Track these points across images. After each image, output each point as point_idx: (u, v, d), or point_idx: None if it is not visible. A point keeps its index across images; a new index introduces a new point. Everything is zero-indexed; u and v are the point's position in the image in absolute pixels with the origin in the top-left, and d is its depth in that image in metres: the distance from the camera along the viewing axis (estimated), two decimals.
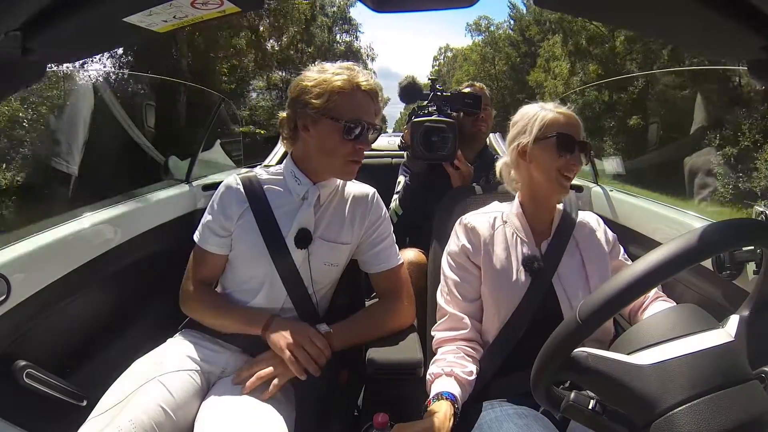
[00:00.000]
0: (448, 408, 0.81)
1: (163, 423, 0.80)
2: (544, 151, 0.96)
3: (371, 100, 0.96)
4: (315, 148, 0.97)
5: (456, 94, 1.49)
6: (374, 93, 0.97)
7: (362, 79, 0.95)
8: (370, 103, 0.96)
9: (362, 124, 0.94)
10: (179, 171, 1.86)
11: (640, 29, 0.55)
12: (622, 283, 0.51)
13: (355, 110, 0.94)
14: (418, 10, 0.53)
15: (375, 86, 0.97)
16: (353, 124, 0.93)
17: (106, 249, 1.26)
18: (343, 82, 0.93)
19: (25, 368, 0.96)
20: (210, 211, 1.02)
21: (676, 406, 0.49)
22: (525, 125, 0.99)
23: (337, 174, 1.01)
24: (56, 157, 1.77)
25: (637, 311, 1.01)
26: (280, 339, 0.90)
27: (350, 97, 0.93)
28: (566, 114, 0.97)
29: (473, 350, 0.94)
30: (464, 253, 0.99)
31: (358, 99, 0.94)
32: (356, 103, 0.94)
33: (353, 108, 0.94)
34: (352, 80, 0.93)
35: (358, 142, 0.95)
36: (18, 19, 0.41)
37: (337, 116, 0.93)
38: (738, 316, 0.59)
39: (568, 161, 0.95)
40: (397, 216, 1.52)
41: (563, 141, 0.94)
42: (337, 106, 0.93)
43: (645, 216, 1.45)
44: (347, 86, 0.93)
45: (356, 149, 0.96)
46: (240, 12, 0.50)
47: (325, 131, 0.94)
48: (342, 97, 0.92)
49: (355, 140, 0.95)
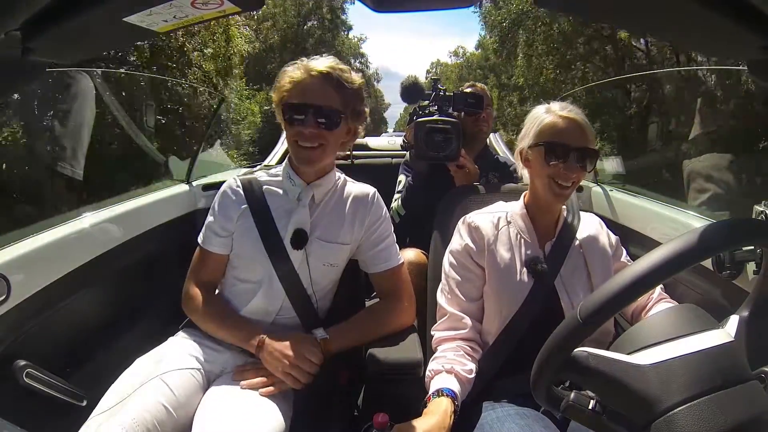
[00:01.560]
0: (449, 405, 0.81)
1: (164, 421, 0.81)
2: (537, 158, 0.96)
3: (323, 81, 0.94)
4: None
5: (458, 94, 1.49)
6: (327, 74, 0.94)
7: (313, 63, 0.96)
8: (321, 86, 0.94)
9: (301, 106, 0.94)
10: (179, 171, 1.86)
11: (640, 29, 0.54)
12: (623, 283, 0.51)
13: (300, 95, 0.94)
14: (418, 10, 0.52)
15: (327, 68, 0.94)
16: (289, 107, 0.95)
17: (106, 249, 1.26)
18: (292, 68, 0.96)
19: (25, 368, 0.96)
20: (212, 213, 1.03)
21: (676, 406, 0.49)
22: (527, 129, 0.98)
23: (296, 161, 0.99)
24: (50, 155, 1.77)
25: (639, 313, 1.01)
26: (273, 361, 0.90)
27: (296, 84, 0.94)
28: (568, 118, 0.94)
29: (473, 350, 0.94)
30: (467, 253, 0.99)
31: (305, 83, 0.94)
32: (301, 87, 0.94)
33: (298, 93, 0.94)
34: (302, 65, 0.95)
35: (300, 125, 0.94)
36: (18, 19, 0.41)
37: (281, 102, 0.95)
38: (738, 316, 0.59)
39: (559, 169, 0.92)
40: (400, 216, 1.52)
41: (551, 148, 0.93)
42: (289, 93, 0.95)
43: (645, 216, 1.45)
44: (295, 74, 0.95)
45: (297, 131, 0.95)
46: (240, 12, 0.50)
47: (282, 121, 0.98)
48: (293, 85, 0.94)
49: (295, 124, 0.95)
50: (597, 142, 1.04)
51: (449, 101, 1.46)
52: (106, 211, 1.33)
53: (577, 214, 1.04)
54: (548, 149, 0.93)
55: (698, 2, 0.40)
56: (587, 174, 0.99)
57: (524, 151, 0.99)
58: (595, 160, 0.96)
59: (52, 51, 0.48)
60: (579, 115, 0.95)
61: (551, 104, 0.99)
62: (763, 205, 0.94)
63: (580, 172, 0.94)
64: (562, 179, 0.93)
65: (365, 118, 1.03)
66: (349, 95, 0.97)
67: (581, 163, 0.93)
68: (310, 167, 0.99)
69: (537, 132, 0.96)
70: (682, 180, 1.85)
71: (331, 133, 0.96)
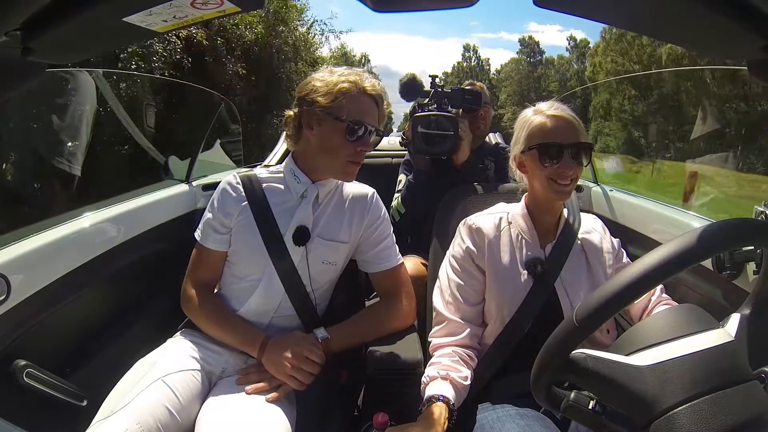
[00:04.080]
0: (443, 411, 0.81)
1: (168, 424, 0.81)
2: (531, 162, 0.95)
3: (375, 104, 0.99)
4: (317, 147, 0.98)
5: (456, 91, 1.50)
6: (379, 98, 1.00)
7: (368, 83, 0.98)
8: (374, 107, 0.99)
9: (365, 126, 0.96)
10: (179, 171, 1.86)
11: (640, 29, 0.54)
12: (620, 285, 0.51)
13: (360, 112, 0.96)
14: (418, 10, 0.52)
15: (380, 91, 1.00)
16: (356, 125, 0.95)
17: (106, 249, 1.26)
18: (349, 85, 0.95)
19: (25, 368, 0.96)
20: (210, 209, 1.03)
21: (676, 406, 0.49)
22: (517, 134, 0.98)
23: (337, 174, 1.01)
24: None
25: (640, 314, 1.01)
26: (275, 364, 0.90)
27: (355, 100, 0.95)
28: (555, 116, 0.93)
29: (469, 357, 0.93)
30: (469, 256, 0.98)
31: (362, 102, 0.96)
32: (361, 105, 0.96)
33: (357, 110, 0.95)
34: (359, 84, 0.96)
35: (360, 143, 0.97)
36: (18, 19, 0.41)
37: (341, 116, 0.94)
38: (738, 316, 0.59)
39: (556, 168, 0.92)
40: (400, 215, 1.52)
41: (544, 150, 0.92)
42: (342, 106, 0.94)
43: (645, 216, 1.45)
44: (353, 89, 0.95)
45: (357, 151, 0.97)
46: (240, 12, 0.50)
47: (329, 130, 0.96)
48: (348, 98, 0.95)
49: (356, 141, 0.96)
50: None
51: (447, 98, 1.47)
52: (106, 211, 1.33)
53: (577, 215, 1.04)
54: (541, 151, 0.93)
55: (698, 2, 0.40)
56: (587, 174, 0.98)
57: (518, 157, 0.98)
58: (589, 153, 0.95)
59: (52, 51, 0.48)
60: (566, 111, 0.95)
61: (538, 104, 0.98)
62: (763, 205, 0.94)
63: (577, 168, 0.93)
64: (560, 178, 0.92)
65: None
66: (383, 117, 1.03)
67: (576, 159, 0.92)
68: (352, 179, 1.03)
69: (527, 135, 0.95)
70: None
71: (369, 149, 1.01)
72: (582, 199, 1.73)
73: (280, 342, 0.93)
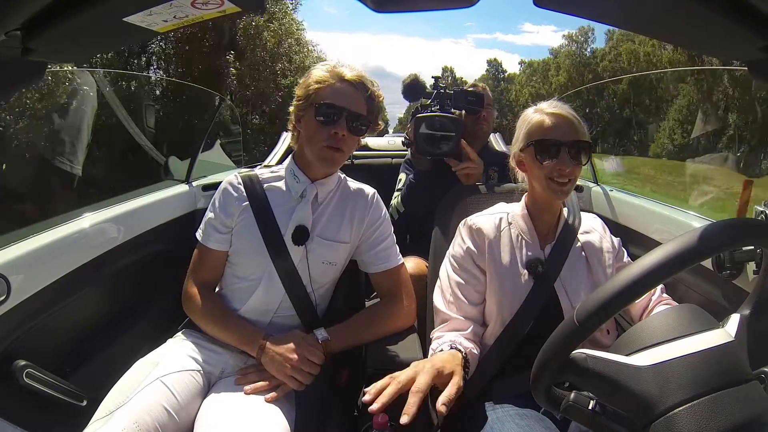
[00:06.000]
0: (456, 354, 0.82)
1: (166, 424, 0.80)
2: (529, 159, 0.95)
3: (355, 89, 0.99)
4: (304, 139, 1.00)
5: (458, 92, 1.49)
6: (358, 83, 0.99)
7: (344, 69, 0.99)
8: (351, 92, 0.99)
9: (337, 109, 0.96)
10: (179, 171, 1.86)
11: (640, 29, 0.54)
12: (620, 285, 0.51)
13: (331, 96, 0.97)
14: (418, 10, 0.52)
15: (358, 77, 1.00)
16: (326, 107, 0.96)
17: (106, 249, 1.26)
18: (323, 73, 0.98)
19: (25, 368, 0.96)
20: (212, 209, 1.03)
21: (676, 407, 0.49)
22: (518, 132, 0.98)
23: (317, 161, 1.00)
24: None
25: (641, 314, 1.01)
26: (275, 364, 0.90)
27: (330, 87, 0.97)
28: (554, 114, 0.93)
29: (474, 344, 0.93)
30: (469, 256, 0.98)
31: (335, 87, 0.98)
32: (336, 90, 0.97)
33: (329, 94, 0.97)
34: (333, 70, 0.99)
35: (334, 126, 0.96)
36: (18, 19, 0.41)
37: (315, 102, 0.97)
38: (738, 316, 0.59)
39: (553, 166, 0.91)
40: (399, 213, 1.52)
41: (541, 148, 0.92)
42: (317, 94, 0.97)
43: (645, 216, 1.45)
44: (326, 76, 0.98)
45: (331, 134, 0.96)
46: (240, 12, 0.50)
47: (307, 118, 0.99)
48: (322, 85, 0.97)
49: (329, 125, 0.96)
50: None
51: (450, 99, 1.47)
52: (106, 212, 1.33)
53: (577, 215, 1.04)
54: (539, 148, 0.93)
55: (698, 2, 0.40)
56: (587, 174, 0.98)
57: (517, 154, 0.98)
58: (589, 152, 0.94)
59: (52, 51, 0.48)
60: (566, 109, 0.95)
61: (539, 104, 0.98)
62: (763, 205, 0.94)
63: (575, 166, 0.92)
64: (557, 176, 0.92)
65: (377, 130, 1.07)
66: (373, 107, 1.01)
67: (575, 157, 0.92)
68: (332, 168, 1.02)
69: (526, 133, 0.95)
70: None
71: (354, 138, 1.00)
72: (582, 199, 1.73)
73: (280, 341, 0.93)
